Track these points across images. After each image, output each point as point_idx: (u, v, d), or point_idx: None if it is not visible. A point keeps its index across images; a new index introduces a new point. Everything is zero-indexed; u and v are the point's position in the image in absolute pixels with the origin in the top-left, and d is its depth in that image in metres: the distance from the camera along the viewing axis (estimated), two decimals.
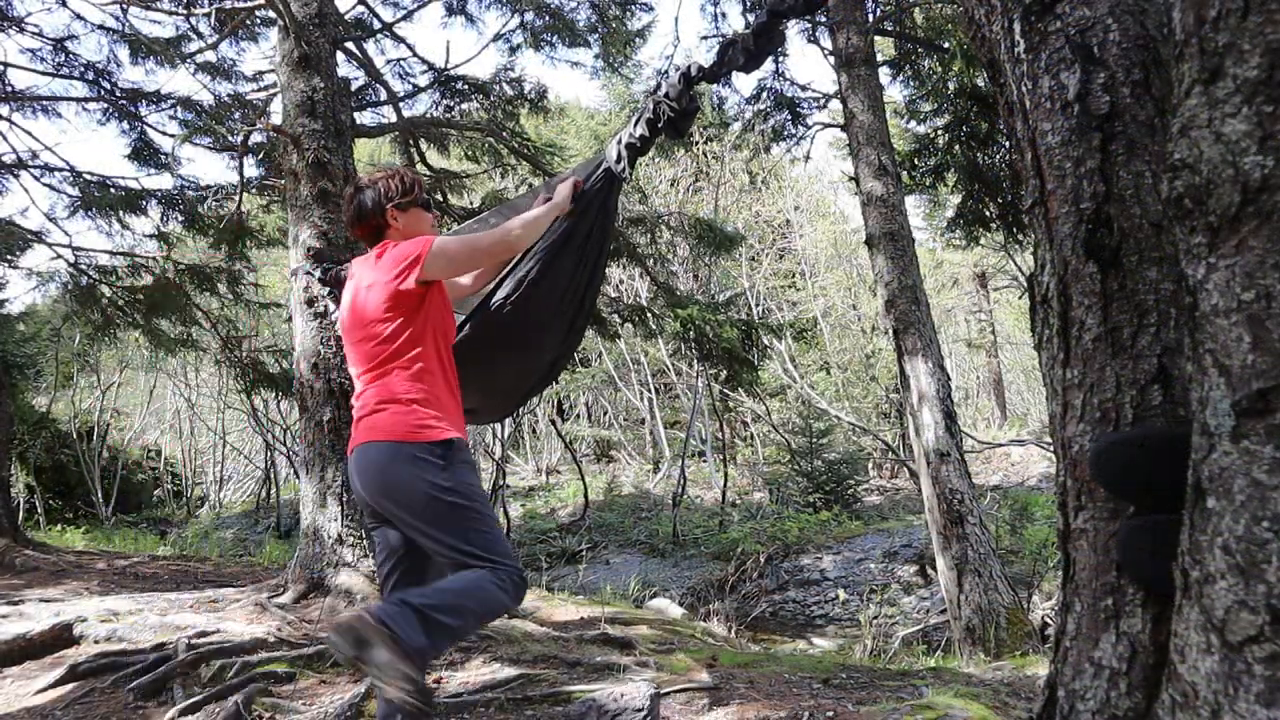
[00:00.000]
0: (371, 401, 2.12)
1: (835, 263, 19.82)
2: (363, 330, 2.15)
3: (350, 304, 2.22)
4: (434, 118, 7.65)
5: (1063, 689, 1.41)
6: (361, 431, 2.12)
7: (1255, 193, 0.95)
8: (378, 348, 2.13)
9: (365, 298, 2.16)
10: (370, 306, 2.14)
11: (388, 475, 2.05)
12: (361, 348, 2.16)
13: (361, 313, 2.15)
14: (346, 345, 2.23)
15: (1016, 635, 5.22)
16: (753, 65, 2.19)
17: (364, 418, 2.13)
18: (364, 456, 2.09)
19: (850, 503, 12.69)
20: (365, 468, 2.09)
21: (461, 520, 2.04)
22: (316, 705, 2.96)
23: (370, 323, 2.13)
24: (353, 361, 2.21)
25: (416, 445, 2.04)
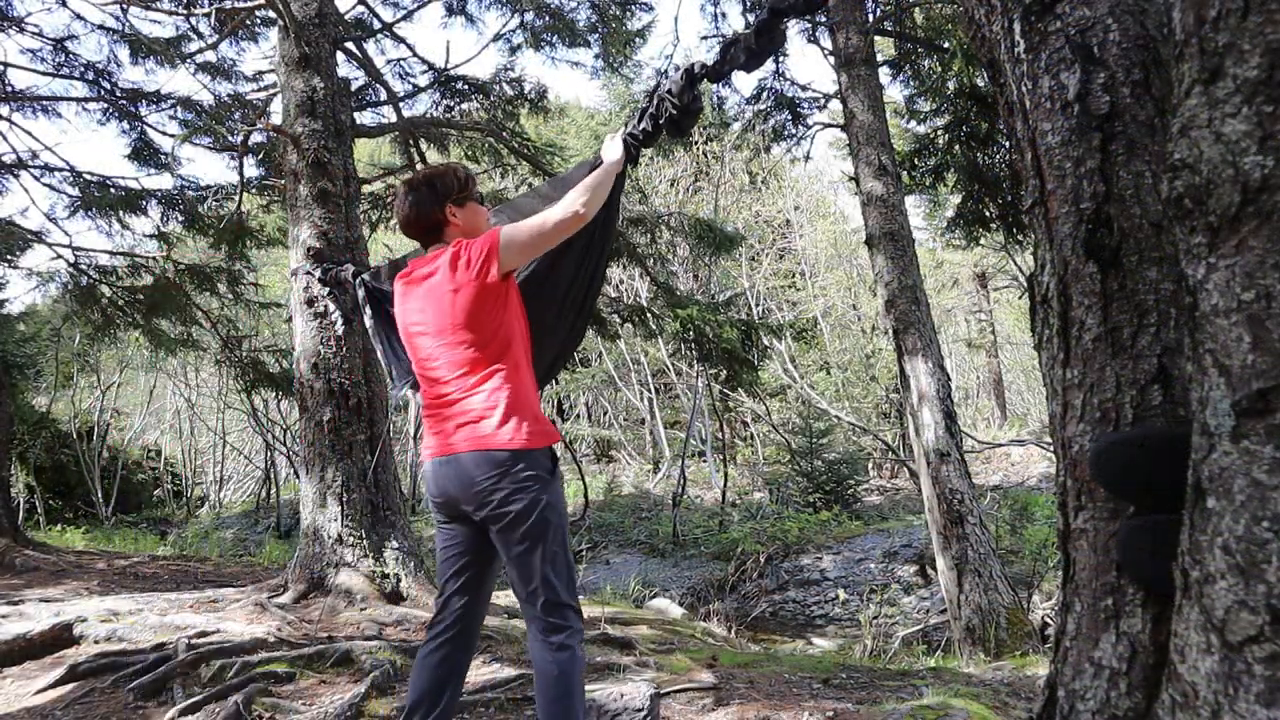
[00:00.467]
0: (478, 405, 2.04)
1: (835, 263, 19.83)
2: (452, 334, 2.07)
3: (424, 307, 2.13)
4: (434, 118, 7.65)
5: (1063, 689, 1.41)
6: (466, 437, 2.03)
7: (1255, 193, 0.95)
8: (472, 351, 2.06)
9: (449, 300, 2.07)
10: (459, 308, 2.06)
11: (506, 481, 1.99)
12: (451, 351, 2.08)
13: (446, 315, 2.07)
14: (424, 349, 2.13)
15: (1016, 635, 5.22)
16: (754, 64, 2.18)
17: (468, 423, 2.04)
18: (473, 462, 2.01)
19: (850, 503, 12.70)
20: (471, 473, 2.01)
21: (555, 542, 2.05)
22: (316, 705, 2.96)
23: (460, 325, 2.06)
24: (434, 366, 2.11)
25: (530, 454, 2.01)
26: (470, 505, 2.03)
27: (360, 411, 4.85)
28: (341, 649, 3.44)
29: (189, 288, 8.41)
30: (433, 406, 2.12)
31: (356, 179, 5.48)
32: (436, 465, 2.08)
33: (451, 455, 2.05)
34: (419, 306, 2.15)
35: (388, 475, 4.97)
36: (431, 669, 2.10)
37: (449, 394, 2.08)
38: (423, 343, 2.14)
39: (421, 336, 2.14)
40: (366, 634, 3.88)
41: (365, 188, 7.55)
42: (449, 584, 2.15)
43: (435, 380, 2.12)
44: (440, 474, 2.07)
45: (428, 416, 2.14)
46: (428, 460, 2.12)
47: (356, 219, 5.28)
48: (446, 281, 2.08)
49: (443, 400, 2.10)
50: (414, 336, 2.17)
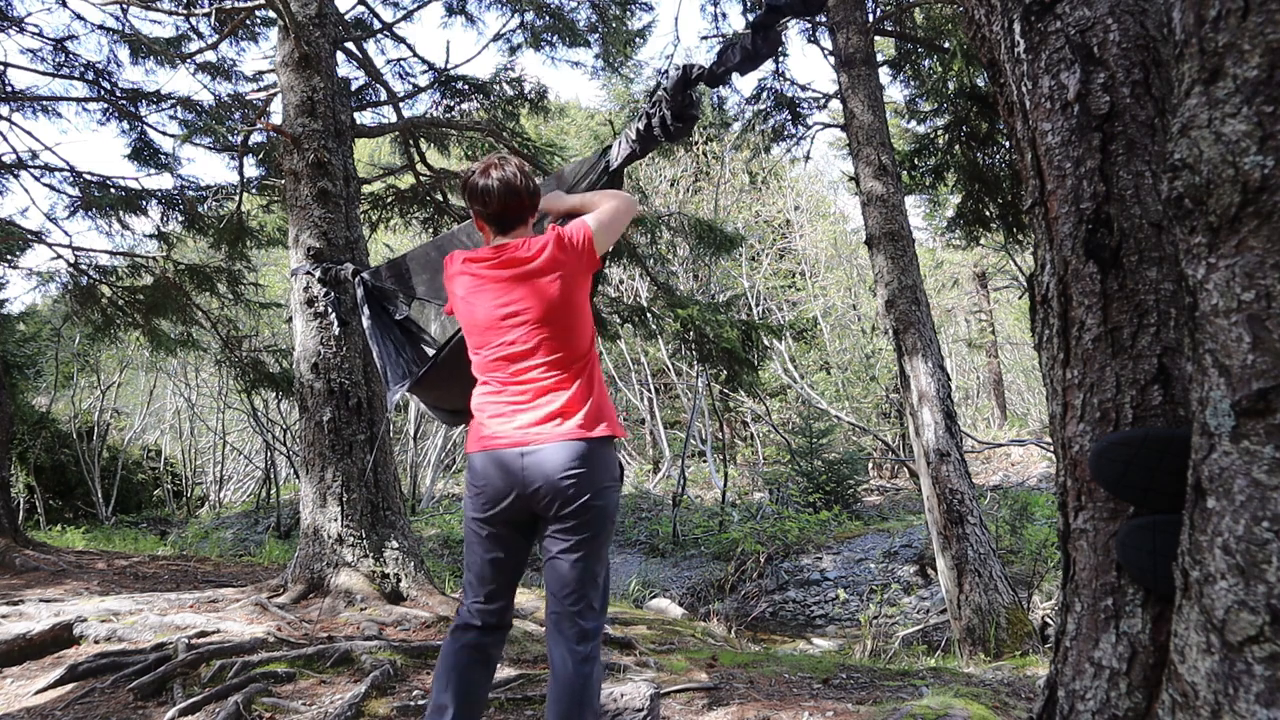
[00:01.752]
0: (571, 395, 2.01)
1: (835, 263, 19.83)
2: (555, 320, 2.03)
3: (522, 293, 2.04)
4: (434, 118, 7.65)
5: (1063, 689, 1.41)
6: (556, 427, 1.99)
7: (1255, 193, 0.95)
8: (571, 339, 2.04)
9: (557, 286, 2.02)
10: (565, 295, 2.02)
11: (595, 475, 1.98)
12: (550, 339, 2.02)
13: (552, 301, 2.02)
14: (512, 335, 2.04)
15: (1016, 635, 5.22)
16: (750, 67, 2.18)
17: (557, 414, 2.00)
18: (574, 450, 1.97)
19: (850, 503, 12.70)
20: (569, 463, 1.96)
21: (608, 545, 2.05)
22: (316, 705, 2.96)
23: (557, 314, 2.03)
24: (522, 351, 2.03)
25: (613, 450, 2.01)
26: (546, 498, 1.97)
27: (360, 411, 4.85)
28: (341, 649, 3.44)
29: (189, 288, 8.41)
30: (510, 394, 2.04)
31: (356, 179, 5.48)
32: (509, 456, 1.98)
33: (536, 445, 1.98)
34: (512, 290, 2.05)
35: (388, 475, 4.97)
36: (481, 669, 2.07)
37: (538, 382, 2.02)
38: (513, 329, 2.04)
39: (514, 321, 2.04)
40: (366, 634, 3.88)
41: (365, 188, 7.56)
42: (497, 590, 2.08)
43: (521, 368, 2.03)
44: (510, 465, 1.98)
45: (498, 404, 2.04)
46: (492, 450, 2.00)
47: (356, 219, 5.28)
48: (554, 266, 2.03)
49: (527, 388, 2.02)
50: (503, 320, 2.05)
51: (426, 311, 3.39)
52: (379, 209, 8.20)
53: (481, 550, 2.07)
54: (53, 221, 8.03)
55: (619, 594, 8.74)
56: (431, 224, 8.36)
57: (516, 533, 2.06)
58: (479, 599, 2.08)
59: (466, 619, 2.08)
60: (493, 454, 2.00)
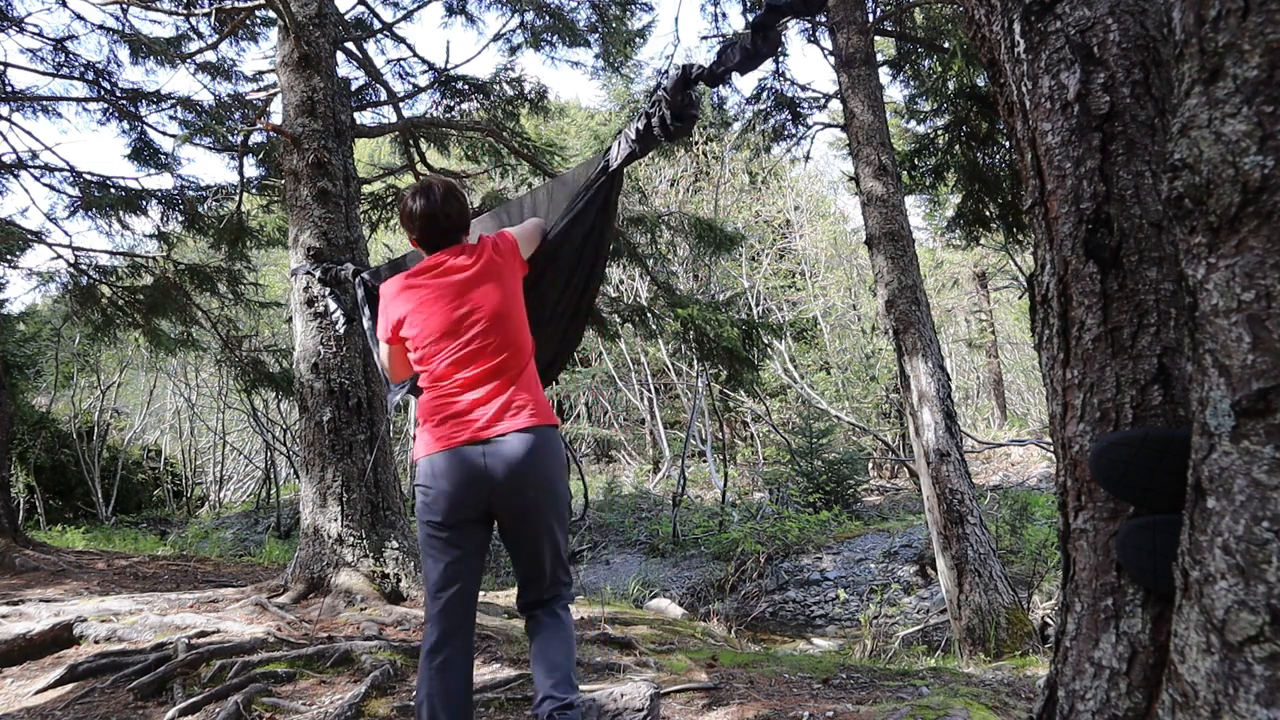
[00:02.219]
0: (526, 386, 2.11)
1: (835, 263, 19.83)
2: (504, 319, 2.12)
3: (469, 296, 2.12)
4: (434, 118, 7.65)
5: (1063, 689, 1.41)
6: (513, 418, 2.05)
7: (1255, 193, 0.95)
8: (517, 334, 2.15)
9: (498, 285, 2.14)
10: (510, 292, 2.17)
11: (553, 462, 2.07)
12: (501, 336, 2.11)
13: (498, 299, 2.13)
14: (467, 336, 2.10)
15: (1016, 635, 5.22)
16: (749, 66, 2.17)
17: (518, 406, 2.07)
18: (532, 440, 2.04)
19: (850, 503, 12.69)
20: (529, 452, 2.02)
21: (567, 523, 2.16)
22: (316, 705, 2.96)
23: (509, 309, 2.15)
24: (477, 350, 2.10)
25: (558, 433, 2.13)
26: (509, 488, 2.02)
27: (360, 411, 4.85)
28: (341, 649, 3.44)
29: (189, 288, 8.41)
30: (467, 393, 2.07)
31: (356, 179, 5.48)
32: (470, 453, 2.02)
33: (498, 438, 2.03)
34: (464, 293, 2.13)
35: (388, 475, 4.97)
36: (460, 684, 2.05)
37: (494, 379, 2.09)
38: (469, 329, 2.11)
39: (469, 321, 2.11)
40: (366, 634, 3.88)
41: (365, 188, 7.56)
42: (459, 592, 2.08)
43: (478, 366, 2.09)
44: (473, 461, 2.01)
45: (454, 404, 2.07)
46: (453, 449, 2.03)
47: (356, 219, 5.28)
48: (492, 268, 2.16)
49: (483, 386, 2.08)
50: (460, 322, 2.11)
51: None
52: (379, 209, 8.20)
53: (445, 556, 2.08)
54: (53, 221, 8.03)
55: (619, 594, 8.75)
56: None
57: (477, 531, 2.11)
58: (445, 606, 2.06)
59: (439, 636, 2.04)
60: (454, 452, 2.04)
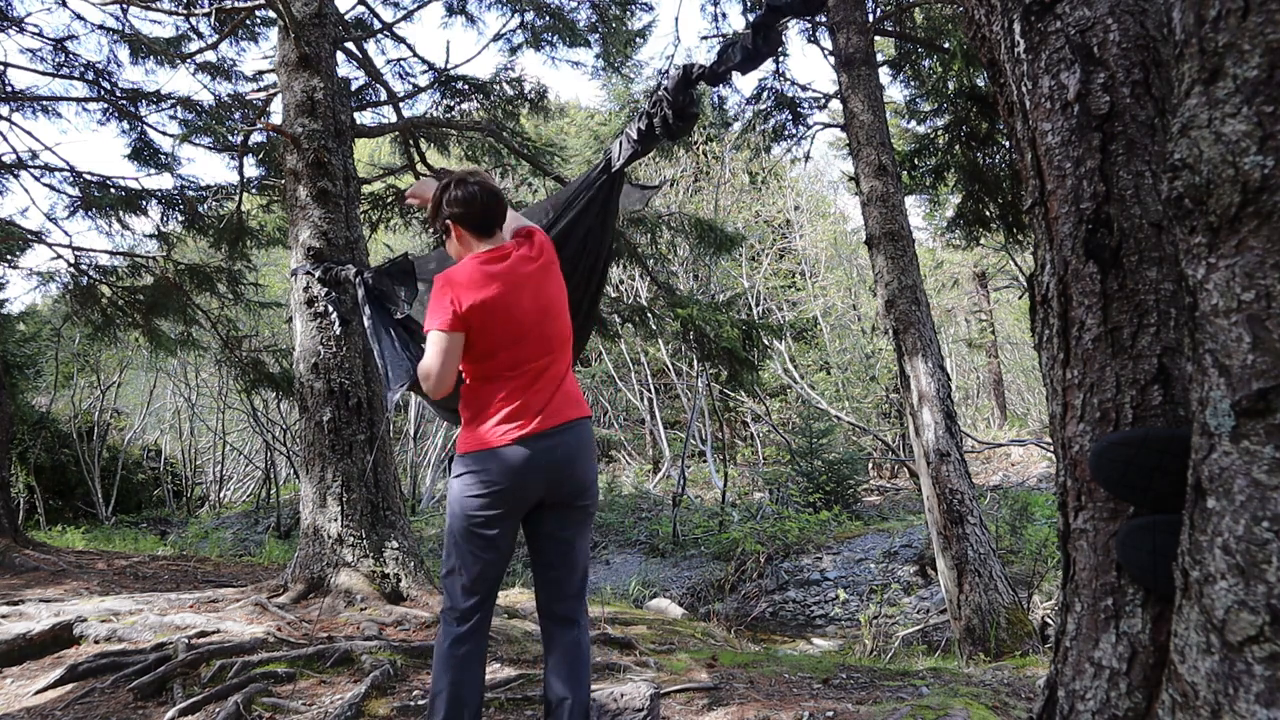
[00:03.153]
0: (573, 380, 2.12)
1: (835, 263, 19.82)
2: (562, 313, 2.15)
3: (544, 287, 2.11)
4: (434, 118, 7.65)
5: (1063, 689, 1.41)
6: (576, 410, 2.06)
7: (1255, 193, 0.95)
8: (567, 329, 2.16)
9: (556, 276, 2.15)
10: (557, 290, 2.15)
11: (594, 451, 2.11)
12: (562, 328, 2.14)
13: (561, 294, 2.15)
14: (543, 326, 2.08)
15: (1016, 635, 5.22)
16: (750, 66, 2.17)
17: (575, 397, 2.09)
18: (588, 428, 2.07)
19: (850, 503, 12.69)
20: (588, 439, 2.06)
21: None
22: (316, 705, 2.96)
23: (564, 306, 2.16)
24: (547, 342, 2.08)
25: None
26: (576, 479, 2.02)
27: (360, 411, 4.85)
28: (341, 649, 3.44)
29: (189, 288, 8.41)
30: (541, 384, 2.05)
31: (356, 179, 5.47)
32: (548, 437, 1.99)
33: (571, 422, 2.03)
34: (542, 284, 2.11)
35: (388, 475, 4.97)
36: (481, 677, 2.06)
37: (564, 370, 2.11)
38: (551, 321, 2.11)
39: (551, 313, 2.11)
40: (366, 634, 3.88)
41: (365, 188, 7.55)
42: (493, 588, 2.08)
43: (554, 357, 2.09)
44: (547, 447, 1.99)
45: (525, 390, 2.02)
46: (525, 437, 1.98)
47: (356, 219, 5.28)
48: (552, 259, 2.17)
49: (554, 378, 2.08)
50: (544, 313, 2.09)
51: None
52: (379, 209, 8.19)
53: (488, 553, 2.05)
54: (53, 221, 8.03)
55: (619, 594, 8.74)
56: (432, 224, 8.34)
57: (518, 527, 2.11)
58: (479, 601, 2.06)
59: (468, 629, 2.03)
60: (531, 440, 1.99)
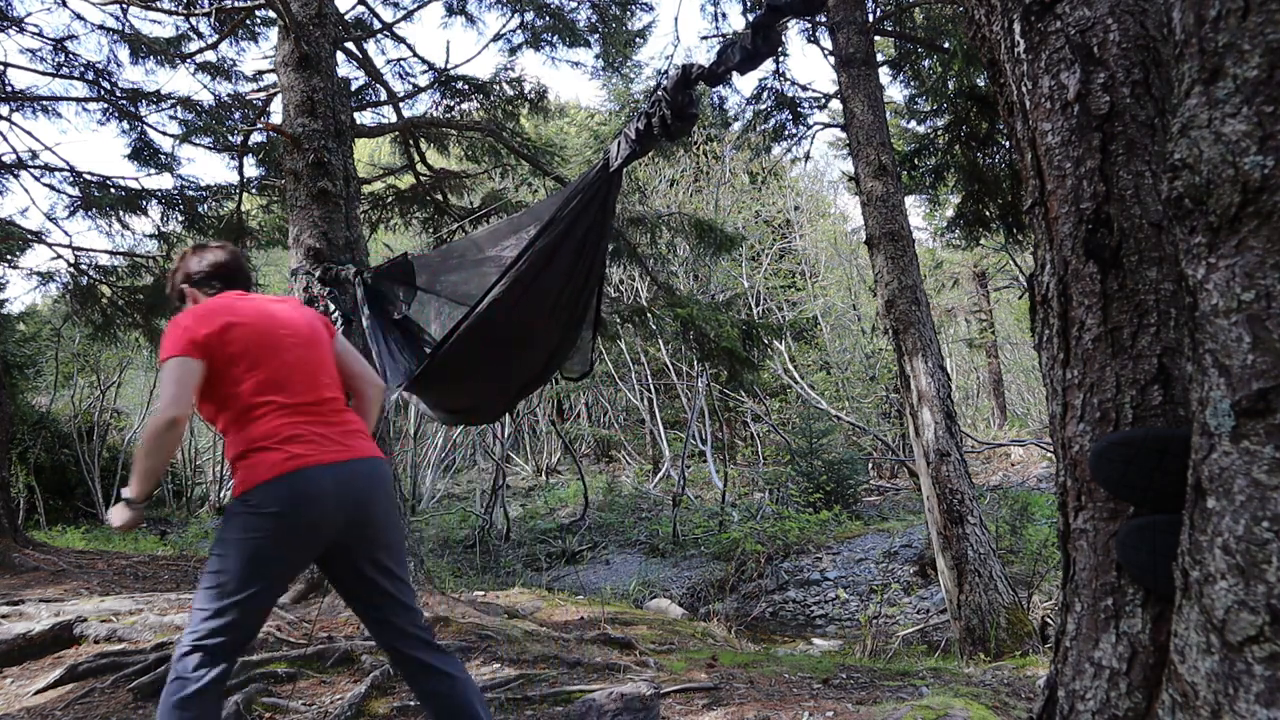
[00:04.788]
0: (353, 419, 2.12)
1: (835, 263, 19.82)
2: (322, 354, 2.15)
3: (299, 325, 2.14)
4: (434, 118, 7.65)
5: (1063, 689, 1.41)
6: (360, 440, 2.07)
7: (1255, 193, 0.95)
8: (334, 374, 2.16)
9: (315, 327, 2.17)
10: (323, 338, 2.18)
11: (393, 497, 2.10)
12: (325, 366, 2.14)
13: (317, 336, 2.16)
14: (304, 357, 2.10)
15: (1016, 635, 5.22)
16: (749, 66, 2.18)
17: (356, 431, 2.08)
18: (377, 469, 2.05)
19: (850, 503, 12.68)
20: (378, 480, 2.04)
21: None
22: (316, 705, 2.96)
23: (326, 351, 2.16)
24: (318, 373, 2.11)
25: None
26: (375, 511, 2.01)
27: None
28: (341, 649, 3.44)
29: None
30: (320, 409, 2.05)
31: (356, 179, 5.47)
32: (342, 468, 1.97)
33: (364, 457, 2.03)
34: (293, 320, 2.14)
35: None
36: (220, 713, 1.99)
37: (328, 399, 2.09)
38: (302, 352, 2.11)
39: (301, 346, 2.11)
40: (366, 634, 3.87)
41: (365, 188, 7.55)
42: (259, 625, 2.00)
43: (321, 386, 2.09)
44: (343, 478, 1.96)
45: (310, 419, 2.01)
46: (319, 465, 1.94)
47: (356, 219, 5.27)
48: (294, 311, 2.18)
49: (332, 405, 2.09)
50: (290, 339, 2.10)
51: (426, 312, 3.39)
52: (379, 209, 8.20)
53: (278, 587, 1.99)
54: (53, 221, 8.04)
55: (619, 594, 8.74)
56: (431, 224, 8.36)
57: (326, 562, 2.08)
58: (245, 640, 1.97)
59: (222, 670, 1.93)
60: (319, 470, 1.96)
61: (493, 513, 13.32)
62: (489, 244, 3.11)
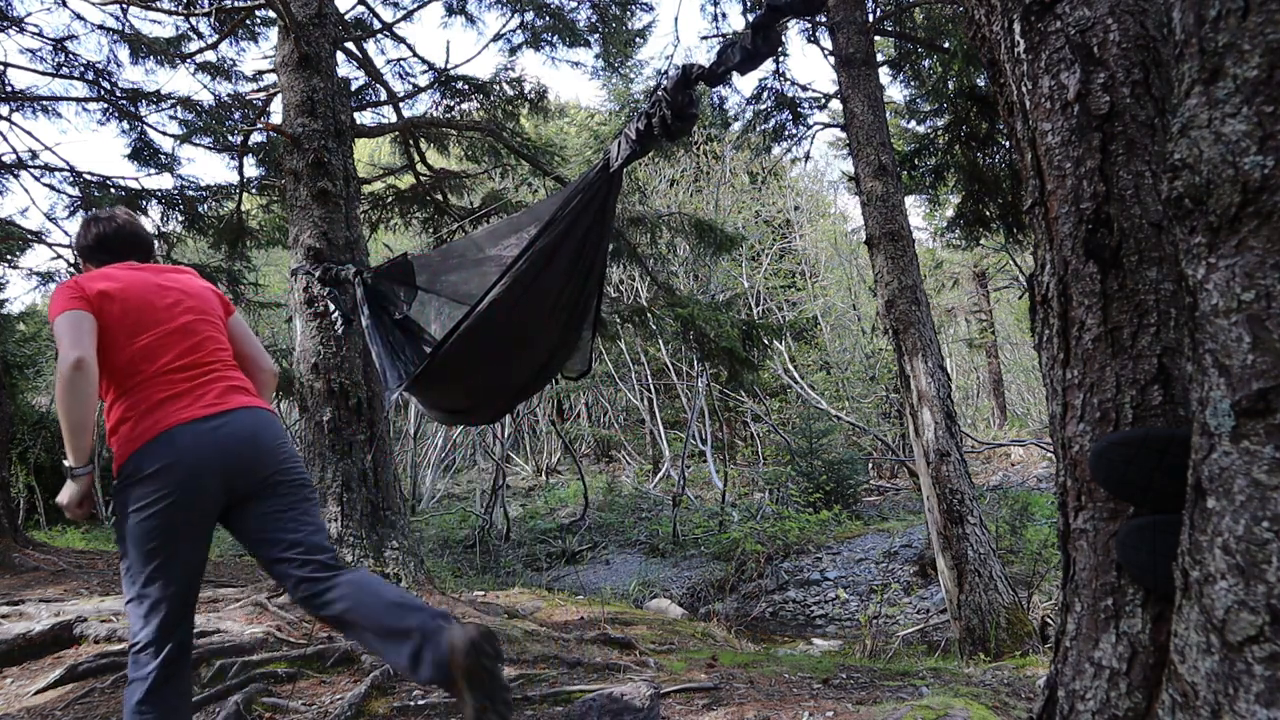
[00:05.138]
0: (236, 374, 2.14)
1: (835, 263, 19.82)
2: (209, 327, 2.17)
3: (187, 292, 2.17)
4: (434, 118, 7.65)
5: (1063, 689, 1.41)
6: (240, 395, 2.08)
7: (1255, 193, 0.95)
8: (223, 344, 2.19)
9: (207, 299, 2.20)
10: (214, 311, 2.21)
11: (286, 439, 2.11)
12: (210, 337, 2.15)
13: (207, 308, 2.19)
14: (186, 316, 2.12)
15: (1016, 635, 5.22)
16: (749, 66, 2.17)
17: (237, 387, 2.10)
18: (259, 417, 2.06)
19: (850, 503, 12.68)
20: (261, 425, 2.05)
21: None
22: (316, 705, 2.96)
23: (215, 325, 2.18)
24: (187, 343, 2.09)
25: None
26: (267, 461, 2.02)
27: (360, 412, 4.85)
28: (341, 649, 3.44)
29: None
30: (197, 371, 2.07)
31: (356, 179, 5.47)
32: (218, 419, 1.98)
33: (241, 409, 2.04)
34: (180, 291, 2.16)
35: (388, 475, 4.97)
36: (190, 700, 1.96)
37: (218, 364, 2.12)
38: (187, 320, 2.12)
39: (185, 315, 2.12)
40: None
41: (365, 188, 7.55)
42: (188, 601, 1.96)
43: (202, 353, 2.10)
44: (219, 427, 1.97)
45: (186, 379, 2.03)
46: (194, 420, 1.96)
47: (356, 219, 5.28)
48: (182, 280, 2.20)
49: (212, 368, 2.10)
50: (172, 309, 2.11)
51: (426, 312, 3.39)
52: (379, 209, 8.20)
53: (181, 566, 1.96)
54: (53, 221, 8.04)
55: (619, 594, 8.74)
56: (431, 224, 8.36)
57: (207, 527, 2.03)
58: (176, 617, 1.92)
59: (168, 655, 1.88)
60: (193, 425, 1.99)
61: (493, 513, 13.32)
62: (489, 244, 3.12)
